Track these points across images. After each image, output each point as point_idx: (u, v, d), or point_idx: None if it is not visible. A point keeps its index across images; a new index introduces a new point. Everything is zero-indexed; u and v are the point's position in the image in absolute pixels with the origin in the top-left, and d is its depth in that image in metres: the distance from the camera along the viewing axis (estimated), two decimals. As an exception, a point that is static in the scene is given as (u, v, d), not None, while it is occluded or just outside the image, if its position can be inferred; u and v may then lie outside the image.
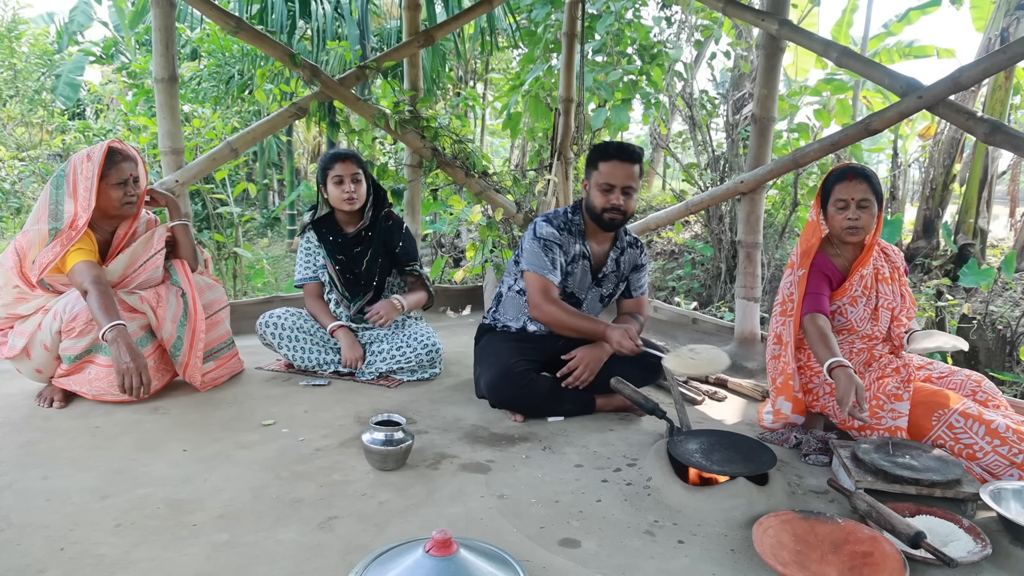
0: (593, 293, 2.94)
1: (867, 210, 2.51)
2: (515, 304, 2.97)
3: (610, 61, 6.81)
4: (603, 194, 2.74)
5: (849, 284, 2.57)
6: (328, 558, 1.72)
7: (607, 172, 2.73)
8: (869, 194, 2.50)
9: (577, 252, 2.87)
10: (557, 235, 2.82)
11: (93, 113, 12.91)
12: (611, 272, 2.95)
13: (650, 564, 1.75)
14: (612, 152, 2.74)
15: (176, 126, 3.81)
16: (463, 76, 11.15)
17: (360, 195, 3.13)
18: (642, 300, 3.07)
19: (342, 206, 3.13)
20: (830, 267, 2.60)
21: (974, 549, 1.80)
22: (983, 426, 2.18)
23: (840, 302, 2.59)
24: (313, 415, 2.70)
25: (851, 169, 2.56)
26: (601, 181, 2.74)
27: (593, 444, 2.51)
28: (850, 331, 2.60)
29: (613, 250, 2.94)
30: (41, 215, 2.68)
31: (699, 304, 7.21)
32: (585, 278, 2.89)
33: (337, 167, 3.09)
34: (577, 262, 2.87)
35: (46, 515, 1.89)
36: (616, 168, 2.73)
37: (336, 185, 3.10)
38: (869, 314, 2.59)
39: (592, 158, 2.80)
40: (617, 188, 2.73)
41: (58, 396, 2.72)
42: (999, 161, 7.88)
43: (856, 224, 2.52)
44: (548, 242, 2.80)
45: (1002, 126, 2.89)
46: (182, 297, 2.83)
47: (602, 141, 2.88)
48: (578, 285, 2.89)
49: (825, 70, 7.81)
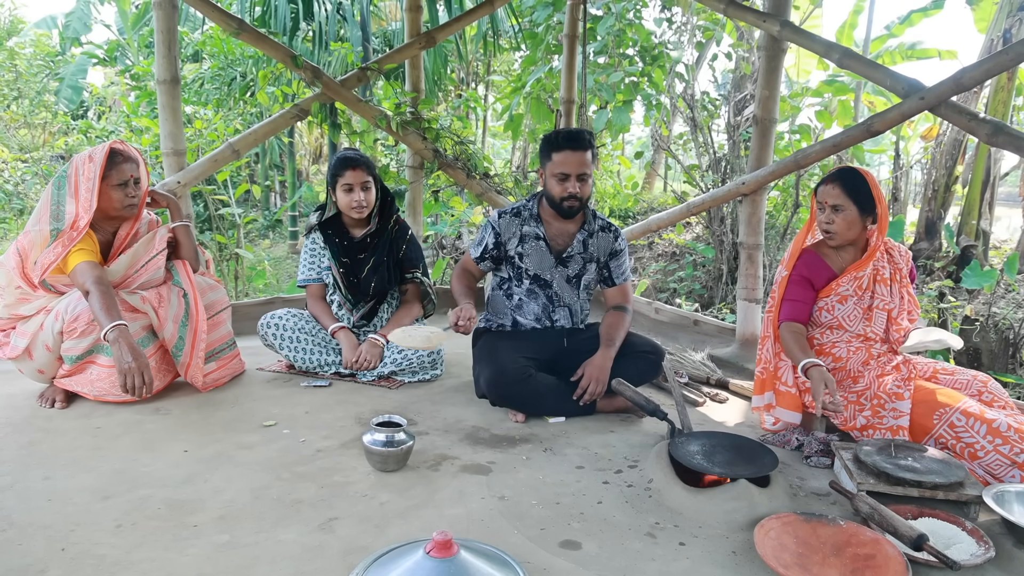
0: (559, 273, 2.97)
1: (840, 214, 2.51)
2: (499, 301, 3.04)
3: (611, 63, 6.81)
4: (559, 183, 2.78)
5: (838, 284, 2.58)
6: (329, 559, 1.72)
7: (560, 161, 2.76)
8: (842, 199, 2.50)
9: (527, 233, 2.94)
10: (495, 219, 2.96)
11: (96, 115, 12.94)
12: (577, 253, 2.97)
13: (651, 566, 1.75)
14: (562, 141, 2.78)
15: (178, 127, 3.82)
16: (465, 78, 11.16)
17: (369, 202, 3.12)
18: (626, 287, 3.06)
19: (351, 213, 3.12)
20: (817, 267, 2.61)
21: (977, 552, 1.79)
22: (984, 425, 2.18)
23: (828, 299, 2.60)
24: (314, 416, 2.70)
25: (832, 174, 2.58)
26: (556, 171, 2.77)
27: (594, 445, 2.51)
28: (840, 328, 2.60)
29: (580, 232, 2.96)
30: (43, 216, 2.68)
31: (700, 306, 7.20)
32: (544, 258, 2.94)
33: (348, 175, 3.04)
34: (528, 242, 2.93)
35: (47, 515, 1.89)
36: (568, 157, 2.76)
37: (346, 192, 3.07)
38: (860, 314, 2.58)
39: (544, 148, 2.84)
40: (572, 176, 2.77)
41: (60, 397, 2.72)
42: (1001, 163, 7.87)
43: (828, 228, 2.54)
44: (487, 225, 2.99)
45: (1004, 127, 2.88)
46: (184, 298, 2.83)
47: (551, 130, 2.92)
48: (538, 265, 2.94)
49: (827, 72, 7.81)
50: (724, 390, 3.25)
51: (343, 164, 3.07)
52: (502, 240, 2.95)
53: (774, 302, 2.67)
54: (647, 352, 2.91)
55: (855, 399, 2.46)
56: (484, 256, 2.99)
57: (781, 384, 2.64)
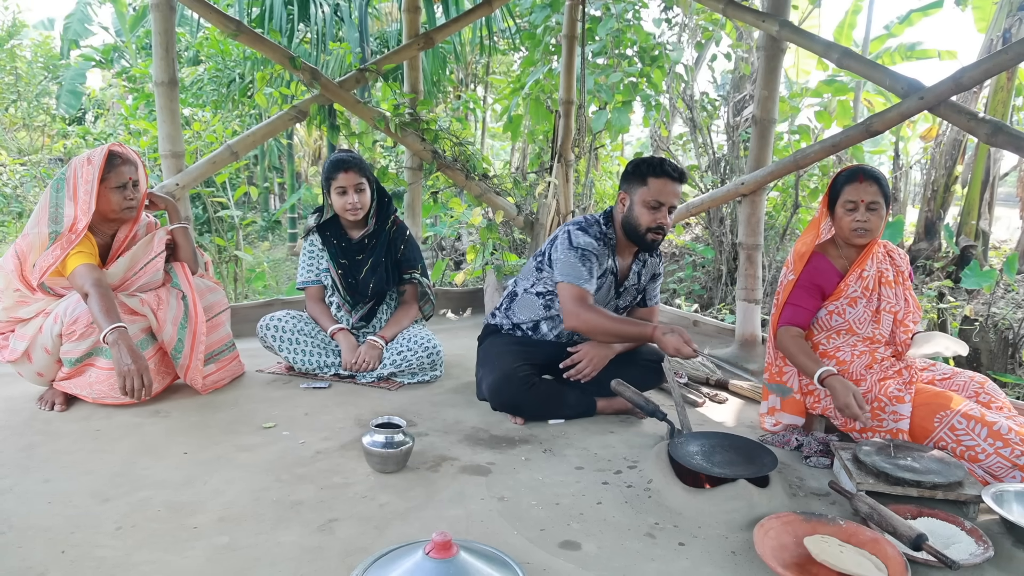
0: (611, 306, 2.90)
1: (876, 212, 2.51)
2: (531, 305, 2.90)
3: (610, 63, 6.81)
4: (650, 212, 2.65)
5: (846, 285, 2.57)
6: (328, 560, 1.72)
7: (658, 190, 2.63)
8: (879, 196, 2.51)
9: (608, 267, 2.80)
10: (595, 246, 2.72)
11: (93, 117, 12.95)
12: (632, 285, 2.91)
13: (651, 566, 1.75)
14: (666, 170, 2.64)
15: (176, 129, 3.82)
16: (463, 79, 11.16)
17: (364, 204, 3.11)
18: (655, 310, 3.04)
19: (346, 215, 3.12)
20: (827, 270, 2.60)
21: (976, 551, 1.79)
22: (985, 428, 2.18)
23: (838, 303, 2.59)
24: (313, 418, 2.70)
25: (861, 170, 2.55)
26: (650, 199, 2.63)
27: (593, 446, 2.51)
28: (850, 332, 2.59)
29: (635, 263, 2.89)
30: (41, 218, 2.68)
31: (700, 306, 7.20)
32: (608, 292, 2.86)
33: (340, 177, 3.04)
34: (606, 277, 2.80)
35: (47, 518, 1.89)
36: (668, 186, 2.64)
37: (340, 195, 3.07)
38: (870, 316, 2.58)
39: (640, 172, 2.68)
40: (665, 207, 2.66)
41: (59, 399, 2.72)
42: (1001, 163, 7.87)
43: (865, 226, 2.52)
44: (586, 252, 2.70)
45: (1004, 127, 2.88)
46: (183, 300, 2.83)
47: (648, 156, 2.81)
48: (602, 300, 2.84)
49: (826, 72, 7.81)
50: (723, 391, 3.25)
51: (335, 167, 3.06)
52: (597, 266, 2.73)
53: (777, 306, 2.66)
54: (652, 361, 2.87)
55: None
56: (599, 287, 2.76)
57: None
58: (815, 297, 2.59)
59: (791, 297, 2.60)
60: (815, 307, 2.60)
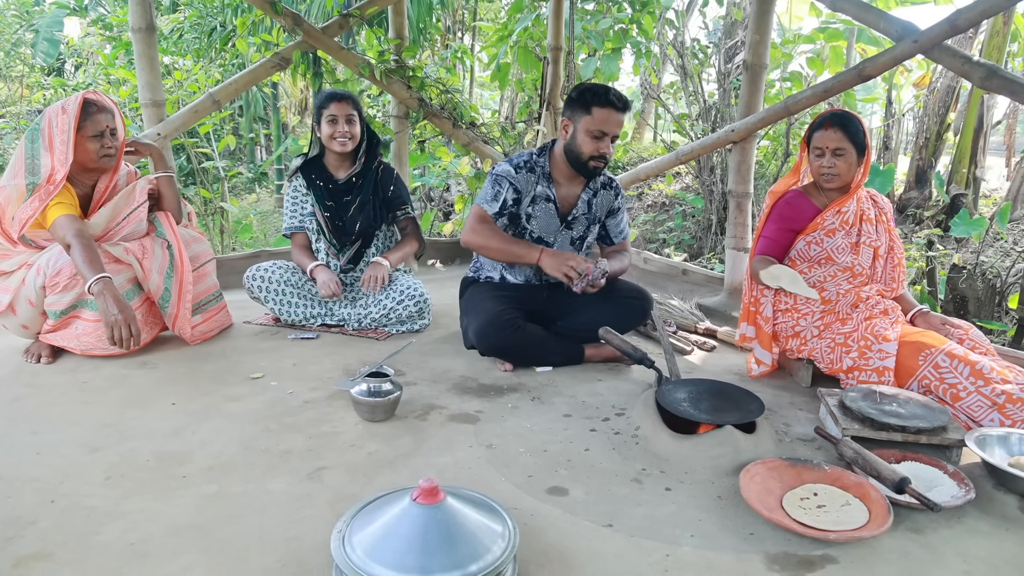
0: (563, 236, 2.90)
1: (842, 158, 2.58)
2: None
3: (600, 9, 6.66)
4: (593, 140, 2.66)
5: (822, 219, 2.65)
6: (317, 507, 1.73)
7: (602, 119, 2.63)
8: (844, 143, 2.56)
9: (539, 193, 2.82)
10: (512, 172, 2.79)
11: (73, 67, 12.63)
12: (581, 215, 2.90)
13: (637, 511, 1.77)
14: (610, 100, 2.62)
15: (156, 77, 3.73)
16: (451, 26, 10.92)
17: (354, 136, 3.08)
18: (625, 245, 3.05)
19: (333, 146, 3.08)
20: (802, 206, 2.69)
21: (958, 494, 1.82)
22: (968, 366, 2.20)
23: (815, 234, 2.67)
24: (302, 368, 2.70)
25: (829, 117, 2.62)
26: (593, 128, 2.64)
27: (581, 394, 2.52)
28: (829, 261, 2.66)
29: (585, 191, 2.88)
30: (18, 170, 2.62)
31: (689, 256, 7.20)
32: (552, 220, 2.86)
33: (332, 106, 3.03)
34: (539, 203, 2.83)
35: (36, 468, 1.89)
36: (612, 116, 2.64)
37: (330, 124, 3.05)
38: (848, 247, 2.66)
39: (582, 100, 2.65)
40: (608, 136, 2.67)
41: (46, 352, 2.70)
42: (995, 110, 7.81)
43: (831, 171, 2.61)
44: (499, 177, 2.80)
45: (998, 70, 2.84)
46: (168, 249, 2.79)
47: (592, 83, 2.78)
48: (544, 228, 2.85)
49: (819, 18, 7.67)
50: (712, 339, 3.26)
51: (329, 97, 3.07)
52: (521, 197, 2.80)
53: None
54: (632, 298, 2.88)
55: (843, 341, 2.50)
56: (503, 212, 2.79)
57: (760, 318, 2.74)
58: (784, 231, 2.70)
59: (764, 231, 2.74)
60: (786, 240, 2.70)
